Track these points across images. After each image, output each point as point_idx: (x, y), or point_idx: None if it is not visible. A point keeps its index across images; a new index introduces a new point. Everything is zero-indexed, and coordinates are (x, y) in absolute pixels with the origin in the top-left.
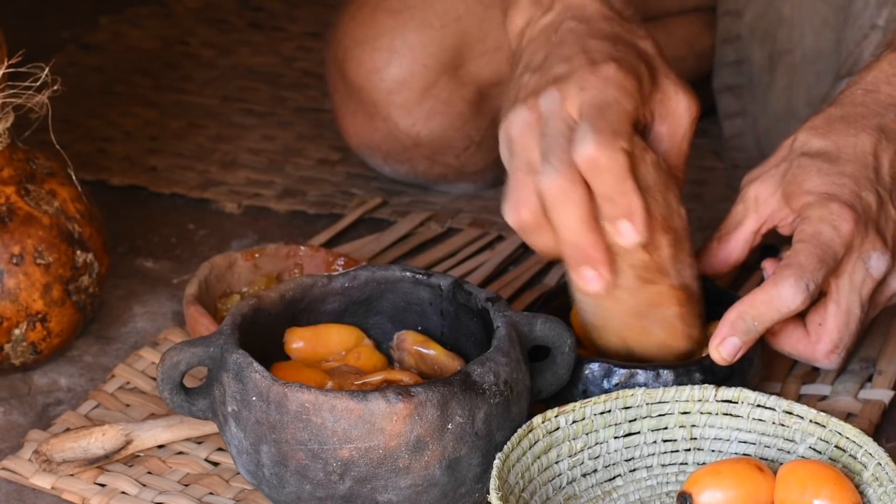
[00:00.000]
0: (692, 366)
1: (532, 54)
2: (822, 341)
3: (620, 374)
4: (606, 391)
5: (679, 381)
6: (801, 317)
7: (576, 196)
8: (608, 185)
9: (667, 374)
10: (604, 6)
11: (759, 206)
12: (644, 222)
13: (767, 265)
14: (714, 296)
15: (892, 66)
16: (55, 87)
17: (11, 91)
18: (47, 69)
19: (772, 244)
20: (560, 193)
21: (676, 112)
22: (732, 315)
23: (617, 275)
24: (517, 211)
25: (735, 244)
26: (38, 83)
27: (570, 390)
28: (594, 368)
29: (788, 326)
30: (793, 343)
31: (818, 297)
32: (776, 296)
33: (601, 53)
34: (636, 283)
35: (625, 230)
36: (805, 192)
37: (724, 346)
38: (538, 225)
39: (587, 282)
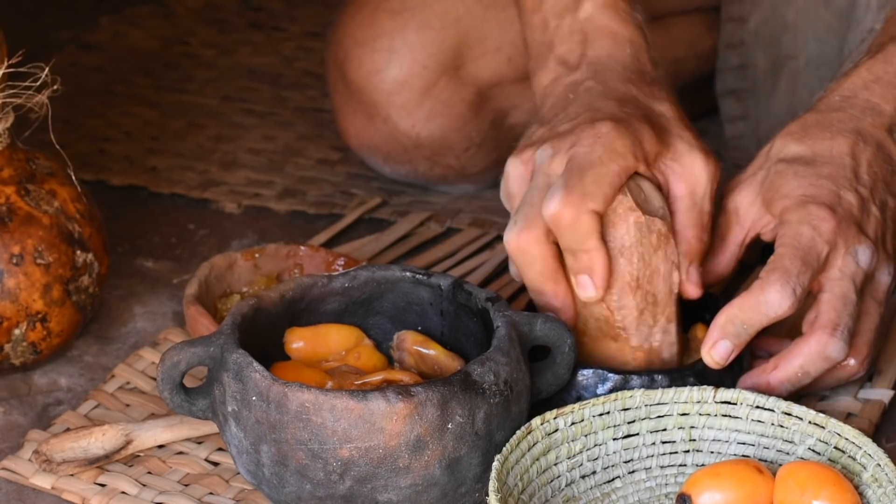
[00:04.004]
0: (686, 370)
1: (549, 109)
2: (819, 328)
3: (614, 380)
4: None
5: (673, 387)
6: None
7: (533, 254)
8: (570, 241)
9: (661, 380)
10: (627, 69)
11: (740, 216)
12: (602, 280)
13: None
14: (699, 300)
15: (870, 73)
16: (55, 87)
17: (11, 91)
18: (47, 69)
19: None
20: (517, 250)
21: (692, 172)
22: (722, 319)
23: (581, 322)
24: (511, 268)
25: (721, 257)
26: (38, 83)
27: (564, 396)
28: (588, 375)
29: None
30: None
31: (807, 301)
32: (763, 301)
33: (603, 112)
34: (598, 335)
35: (583, 283)
36: (783, 197)
37: (717, 349)
38: None
39: None
